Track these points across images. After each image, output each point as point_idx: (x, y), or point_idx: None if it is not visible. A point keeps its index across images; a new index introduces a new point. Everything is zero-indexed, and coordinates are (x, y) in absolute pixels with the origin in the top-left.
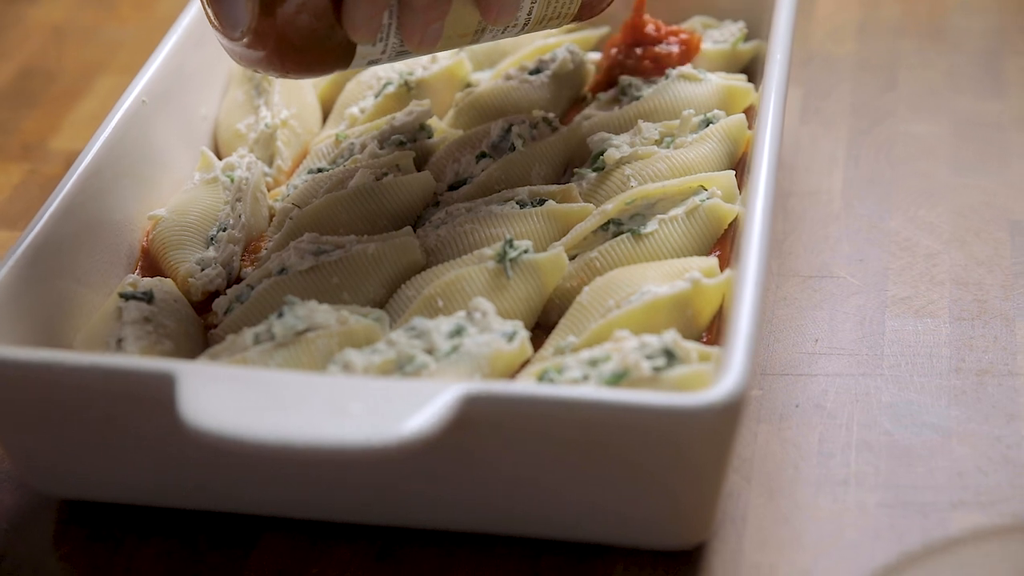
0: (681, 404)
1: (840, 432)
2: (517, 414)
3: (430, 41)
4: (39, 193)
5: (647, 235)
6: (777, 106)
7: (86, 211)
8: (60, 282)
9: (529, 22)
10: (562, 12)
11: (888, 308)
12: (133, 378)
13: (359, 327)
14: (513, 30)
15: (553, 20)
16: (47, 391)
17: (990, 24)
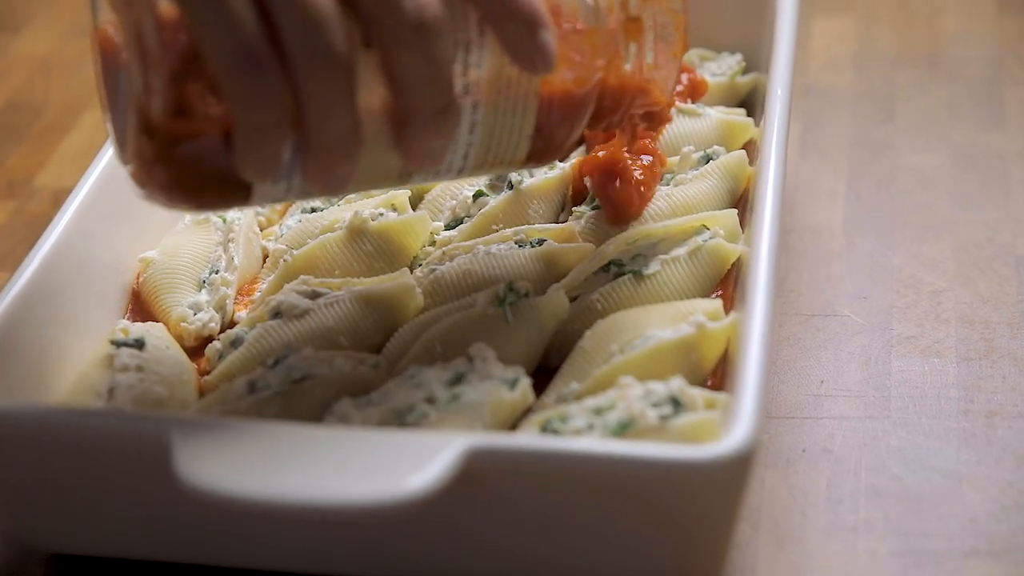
0: (691, 457)
1: (848, 477)
2: (523, 468)
3: (337, 185)
4: (25, 232)
5: (649, 276)
6: (779, 146)
7: (76, 254)
8: (49, 329)
9: (466, 167)
10: (506, 159)
11: (894, 348)
12: (126, 433)
13: (356, 375)
14: (448, 175)
15: (497, 166)
16: (36, 445)
17: (988, 54)
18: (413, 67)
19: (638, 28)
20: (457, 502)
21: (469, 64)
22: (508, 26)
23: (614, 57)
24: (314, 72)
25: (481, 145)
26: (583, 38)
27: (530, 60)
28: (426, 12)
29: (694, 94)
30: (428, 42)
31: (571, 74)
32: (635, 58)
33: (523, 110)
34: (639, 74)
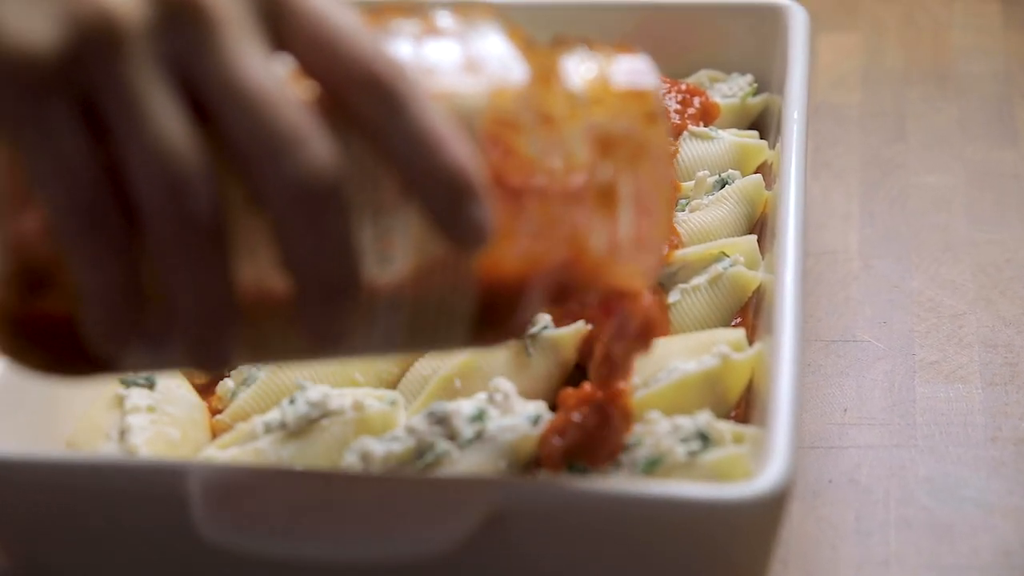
0: (727, 496)
1: (877, 509)
2: (553, 511)
3: (214, 362)
4: None
5: (670, 306)
6: (799, 172)
7: None
8: None
9: (392, 348)
10: (441, 341)
11: (917, 374)
12: (142, 483)
13: (375, 413)
14: (372, 352)
15: (432, 348)
16: (48, 492)
17: (998, 69)
18: (301, 239)
19: (611, 198)
20: (487, 548)
21: (387, 231)
22: (429, 193)
23: (578, 231)
24: (171, 238)
25: (406, 326)
26: (538, 205)
27: (457, 234)
28: (317, 174)
29: (706, 118)
30: (319, 210)
31: (520, 249)
32: (608, 232)
33: (457, 289)
34: (610, 254)
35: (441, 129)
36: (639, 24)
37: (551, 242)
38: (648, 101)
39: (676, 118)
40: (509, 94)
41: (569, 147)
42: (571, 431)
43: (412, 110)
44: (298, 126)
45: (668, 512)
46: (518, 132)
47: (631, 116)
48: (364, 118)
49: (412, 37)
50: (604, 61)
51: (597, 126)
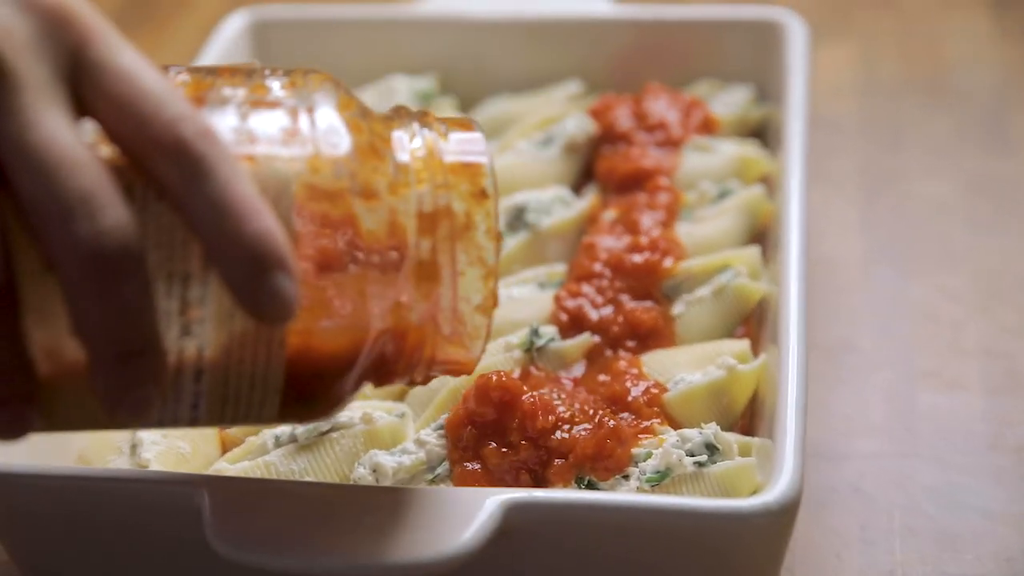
0: (736, 508)
1: (882, 518)
2: (562, 522)
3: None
4: None
5: (674, 318)
6: (801, 184)
7: None
8: None
9: (200, 419)
10: (252, 414)
11: (918, 382)
12: (156, 497)
13: (384, 426)
14: (179, 424)
15: (245, 420)
16: (62, 505)
17: (994, 79)
18: (89, 302)
19: (432, 275)
20: (497, 559)
21: (190, 301)
22: (230, 264)
23: (397, 304)
24: None
25: (214, 398)
26: (353, 282)
27: (258, 308)
28: (108, 238)
29: (707, 129)
30: (110, 274)
31: (332, 322)
32: (427, 307)
33: (265, 362)
34: (432, 328)
35: (246, 197)
36: (640, 37)
37: (369, 317)
38: (478, 176)
39: (678, 130)
40: (328, 164)
41: (391, 220)
42: (580, 444)
43: (217, 177)
44: (93, 189)
45: (677, 524)
46: (335, 203)
47: (459, 191)
48: (167, 183)
49: (237, 105)
50: (438, 135)
51: (422, 200)
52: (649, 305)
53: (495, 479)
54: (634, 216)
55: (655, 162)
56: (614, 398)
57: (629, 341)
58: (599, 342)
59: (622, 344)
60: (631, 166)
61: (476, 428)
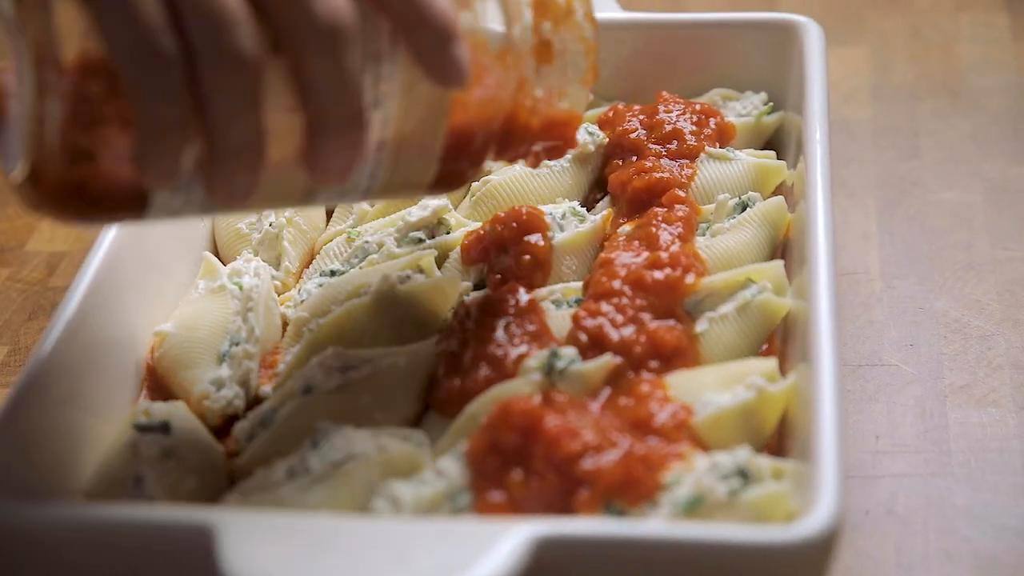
0: (777, 539)
1: (917, 541)
2: (598, 554)
3: (239, 196)
4: (21, 301)
5: (699, 335)
6: (825, 197)
7: (89, 329)
8: (65, 411)
9: (373, 188)
10: (413, 181)
11: (948, 398)
12: (167, 532)
13: (400, 455)
14: (354, 195)
15: (403, 189)
16: (68, 548)
17: (1009, 82)
18: (322, 72)
19: (549, 52)
20: None
21: (380, 77)
22: (420, 37)
23: (524, 81)
24: (219, 72)
25: (389, 165)
26: (495, 58)
27: (443, 73)
28: (337, 17)
29: (722, 139)
30: (338, 47)
31: (482, 95)
32: (545, 83)
33: (433, 129)
34: (549, 100)
35: None
36: (650, 42)
37: (504, 90)
38: None
39: (692, 139)
40: None
41: (515, 9)
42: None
43: None
44: None
45: (714, 556)
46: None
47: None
48: None
49: None
50: None
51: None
52: (672, 324)
53: (519, 508)
54: (652, 230)
55: (671, 174)
56: (639, 422)
57: (652, 362)
58: (621, 363)
59: (645, 365)
60: (647, 179)
61: (499, 456)
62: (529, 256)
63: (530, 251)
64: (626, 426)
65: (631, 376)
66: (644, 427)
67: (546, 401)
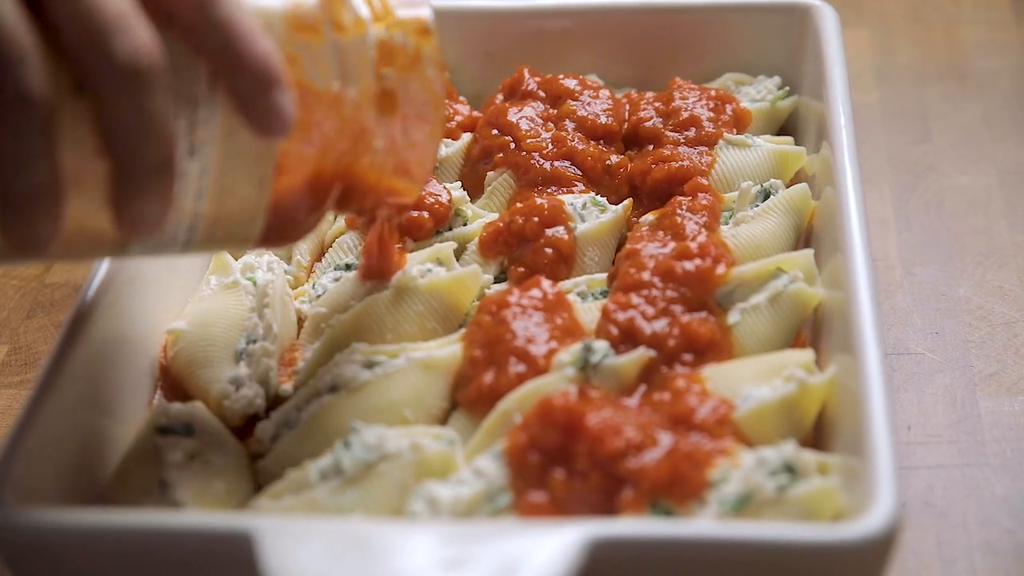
0: (840, 538)
1: (958, 533)
2: (645, 557)
3: (36, 246)
4: (18, 298)
5: (732, 327)
6: (855, 182)
7: (100, 329)
8: (81, 414)
9: (193, 241)
10: (239, 235)
11: (978, 386)
12: (206, 539)
13: (435, 454)
14: (172, 247)
15: (229, 243)
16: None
17: (1014, 64)
18: (125, 117)
19: (392, 102)
20: None
21: (197, 123)
22: (238, 81)
23: (364, 132)
24: (5, 113)
25: (210, 216)
26: (329, 106)
27: (262, 121)
28: (141, 57)
29: (739, 125)
30: (142, 90)
31: (314, 146)
32: (388, 135)
33: (259, 181)
34: (392, 153)
35: (250, 22)
36: (660, 26)
37: (340, 140)
38: (423, 21)
39: (710, 126)
40: (306, 6)
41: (358, 53)
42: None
43: (223, 4)
44: (126, 11)
45: (771, 555)
46: (315, 34)
47: (408, 30)
48: (179, 9)
49: None
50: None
51: (379, 37)
52: (704, 316)
53: (563, 509)
54: (676, 220)
55: (691, 162)
56: (680, 418)
57: (686, 355)
58: (655, 357)
59: (678, 358)
60: (666, 168)
61: (539, 454)
62: (552, 249)
63: (553, 244)
64: (666, 422)
65: (664, 370)
66: (685, 423)
67: (583, 397)
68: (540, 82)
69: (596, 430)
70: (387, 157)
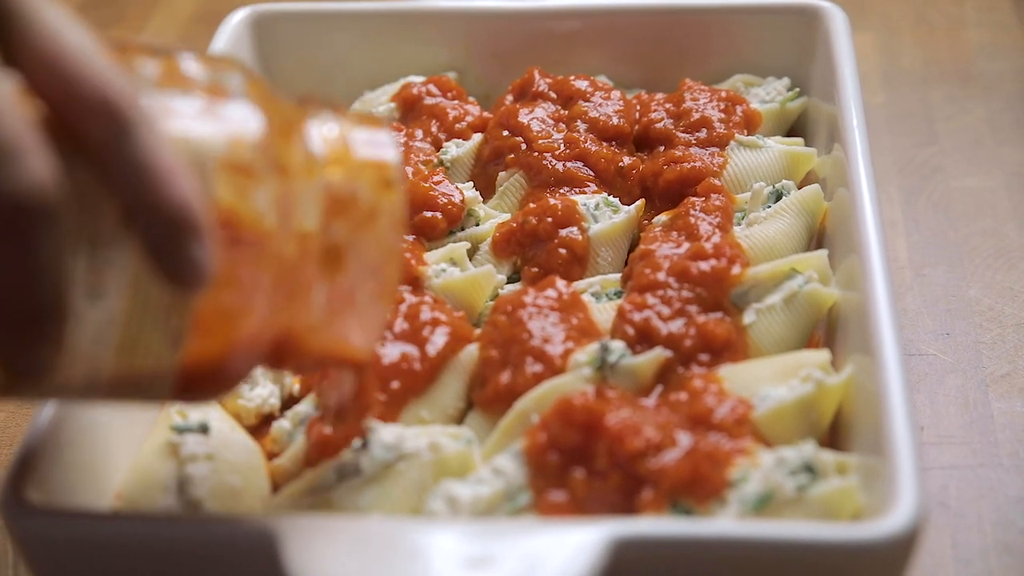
0: (864, 537)
1: (973, 535)
2: (668, 556)
3: None
4: None
5: (747, 327)
6: (870, 183)
7: None
8: (95, 413)
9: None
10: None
11: (990, 387)
12: (227, 539)
13: (453, 454)
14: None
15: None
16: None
17: (1019, 65)
18: (7, 255)
19: (337, 260)
20: None
21: (100, 263)
22: (151, 227)
23: (304, 289)
24: None
25: (111, 365)
26: (264, 259)
27: (175, 273)
28: (30, 190)
29: (749, 126)
30: (29, 228)
31: (239, 300)
32: (332, 295)
33: (172, 334)
34: (335, 314)
35: (170, 162)
36: (669, 28)
37: (273, 297)
38: (385, 170)
39: (721, 127)
40: (246, 142)
41: (302, 203)
42: (674, 469)
43: (141, 139)
44: (16, 138)
45: (795, 554)
46: (253, 179)
47: (366, 182)
48: (90, 141)
49: (153, 77)
50: (347, 128)
51: (333, 186)
52: (720, 316)
53: (582, 508)
54: (690, 221)
55: (703, 163)
56: (698, 418)
57: (702, 355)
58: (671, 357)
59: (694, 359)
60: (679, 169)
61: (559, 454)
62: (566, 250)
63: (568, 245)
64: (684, 422)
65: (681, 370)
66: (704, 423)
67: (600, 397)
68: (551, 83)
69: (616, 430)
70: (329, 317)
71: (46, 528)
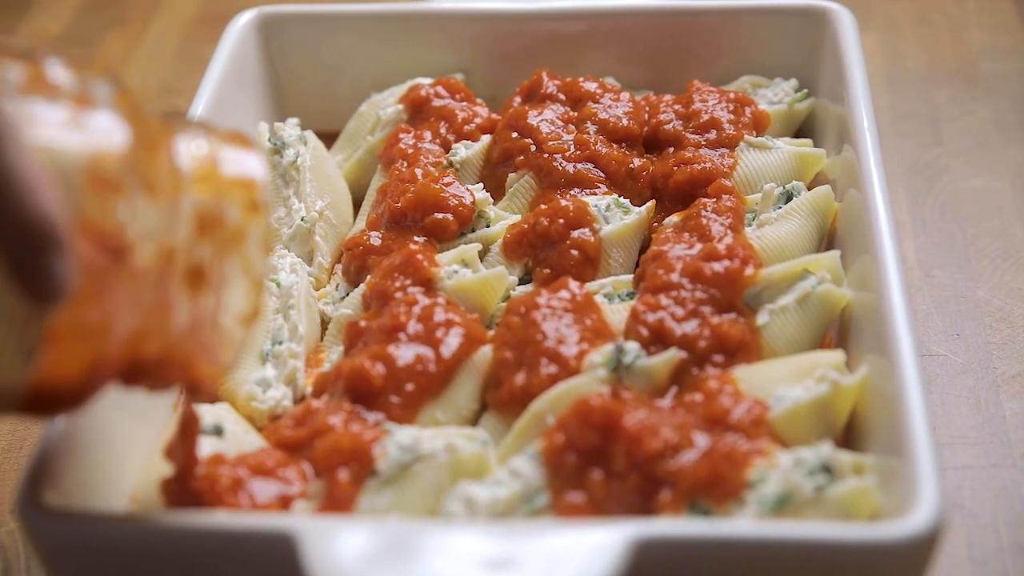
0: (887, 537)
1: (988, 535)
2: (688, 557)
3: None
4: None
5: (760, 328)
6: (882, 183)
7: None
8: (109, 415)
9: None
10: None
11: (1001, 388)
12: (245, 540)
13: (469, 455)
14: None
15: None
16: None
17: (1021, 66)
18: None
19: (201, 280)
20: None
21: None
22: (9, 240)
23: (163, 308)
24: None
25: None
26: (123, 275)
27: (32, 286)
28: None
29: (758, 127)
30: None
31: (97, 315)
32: (190, 313)
33: (25, 347)
34: (194, 334)
35: (31, 175)
36: (677, 29)
37: (133, 314)
38: (253, 190)
39: (730, 128)
40: (111, 155)
41: (167, 219)
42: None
43: (2, 148)
44: None
45: (827, 555)
46: (117, 193)
47: (234, 202)
48: None
49: (18, 82)
50: (216, 146)
51: (199, 203)
52: (734, 317)
53: (601, 509)
54: (702, 222)
55: (713, 164)
56: (715, 418)
57: (716, 356)
58: (686, 358)
59: (709, 360)
60: (689, 170)
61: (576, 455)
62: (578, 251)
63: (579, 246)
64: (701, 423)
65: (695, 371)
66: (721, 423)
67: (616, 398)
68: (560, 85)
69: (634, 431)
70: (188, 338)
71: (63, 530)
